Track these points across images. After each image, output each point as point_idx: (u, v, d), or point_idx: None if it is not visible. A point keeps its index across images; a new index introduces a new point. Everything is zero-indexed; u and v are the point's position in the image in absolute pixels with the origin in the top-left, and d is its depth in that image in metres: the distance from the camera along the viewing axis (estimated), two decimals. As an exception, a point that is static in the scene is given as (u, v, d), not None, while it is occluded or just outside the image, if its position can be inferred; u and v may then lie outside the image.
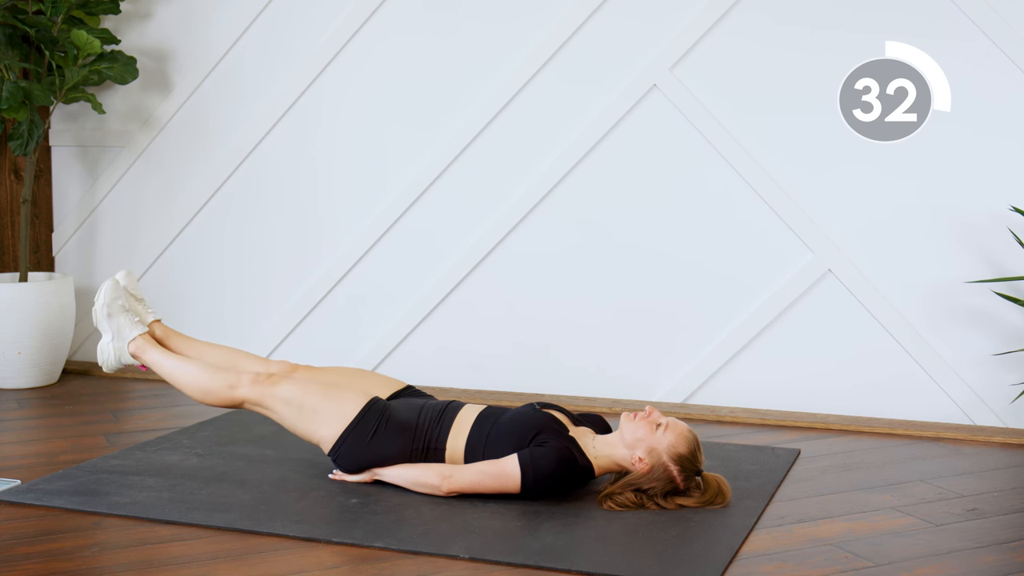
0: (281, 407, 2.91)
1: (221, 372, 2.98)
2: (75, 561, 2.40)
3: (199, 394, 2.99)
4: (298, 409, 2.89)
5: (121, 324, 3.09)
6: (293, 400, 2.90)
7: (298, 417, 2.90)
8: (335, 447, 2.87)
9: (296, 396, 2.90)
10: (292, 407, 2.90)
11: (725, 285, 3.80)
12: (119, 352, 3.09)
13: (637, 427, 2.75)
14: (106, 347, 3.10)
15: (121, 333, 3.08)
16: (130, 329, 3.09)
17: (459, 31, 3.98)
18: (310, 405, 2.88)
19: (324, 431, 2.88)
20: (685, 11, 3.74)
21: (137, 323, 3.10)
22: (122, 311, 3.10)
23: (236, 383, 2.95)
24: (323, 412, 2.87)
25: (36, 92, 3.96)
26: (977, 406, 3.59)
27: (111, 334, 3.09)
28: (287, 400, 2.91)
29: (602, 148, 3.86)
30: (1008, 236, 3.52)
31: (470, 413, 2.90)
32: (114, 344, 3.09)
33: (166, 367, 3.04)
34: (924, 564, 2.43)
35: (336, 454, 2.88)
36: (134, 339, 3.08)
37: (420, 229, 4.07)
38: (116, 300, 3.10)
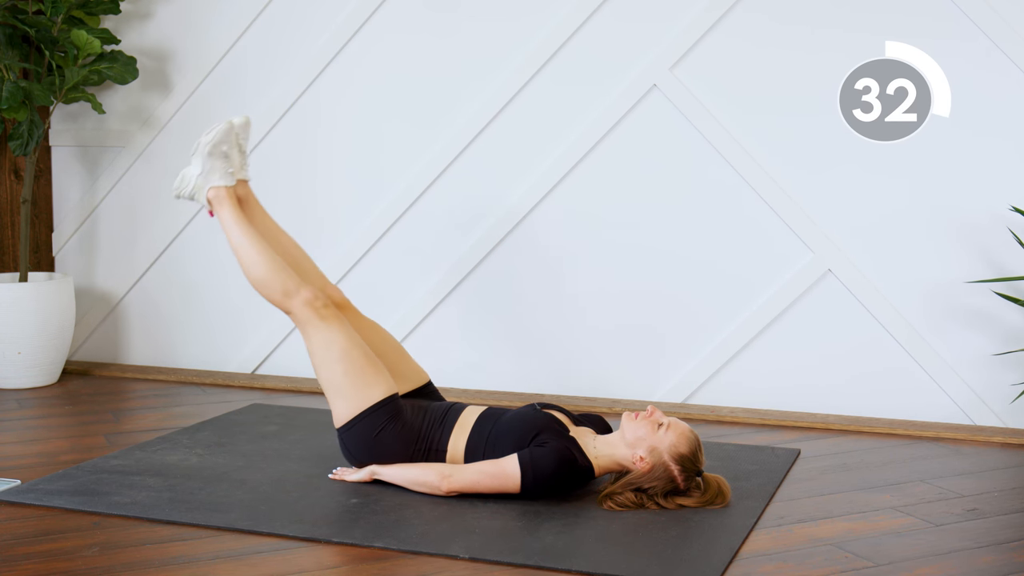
0: (320, 345, 2.87)
1: (283, 272, 2.91)
2: (75, 561, 2.40)
3: (253, 281, 2.92)
4: (331, 360, 2.85)
5: (215, 167, 2.97)
6: (332, 348, 2.85)
7: (327, 366, 2.86)
8: (345, 427, 2.86)
9: (337, 346, 2.85)
10: (327, 354, 2.86)
11: (725, 285, 3.80)
12: (198, 190, 2.99)
13: (639, 426, 2.75)
14: (189, 177, 3.00)
15: (210, 175, 2.97)
16: (220, 176, 2.98)
17: (459, 31, 3.98)
18: (342, 367, 2.84)
19: (340, 404, 2.86)
20: (685, 11, 3.74)
21: (229, 174, 2.99)
22: (222, 156, 2.98)
23: (292, 292, 2.89)
24: (347, 384, 2.84)
25: (36, 92, 3.96)
26: (977, 406, 3.59)
27: (201, 169, 2.98)
28: (328, 343, 2.86)
29: (602, 148, 3.86)
30: (1008, 236, 3.52)
31: (471, 414, 2.90)
32: (198, 180, 2.98)
33: (234, 234, 2.94)
34: (924, 564, 2.43)
35: (343, 435, 2.88)
36: (218, 187, 2.97)
37: (420, 229, 4.07)
38: (222, 144, 2.98)
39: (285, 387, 4.11)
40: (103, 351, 4.51)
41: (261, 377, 4.24)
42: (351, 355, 2.86)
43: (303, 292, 2.90)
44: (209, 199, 3.00)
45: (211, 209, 3.01)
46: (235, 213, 2.97)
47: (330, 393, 2.88)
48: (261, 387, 4.13)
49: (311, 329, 2.88)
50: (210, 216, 3.06)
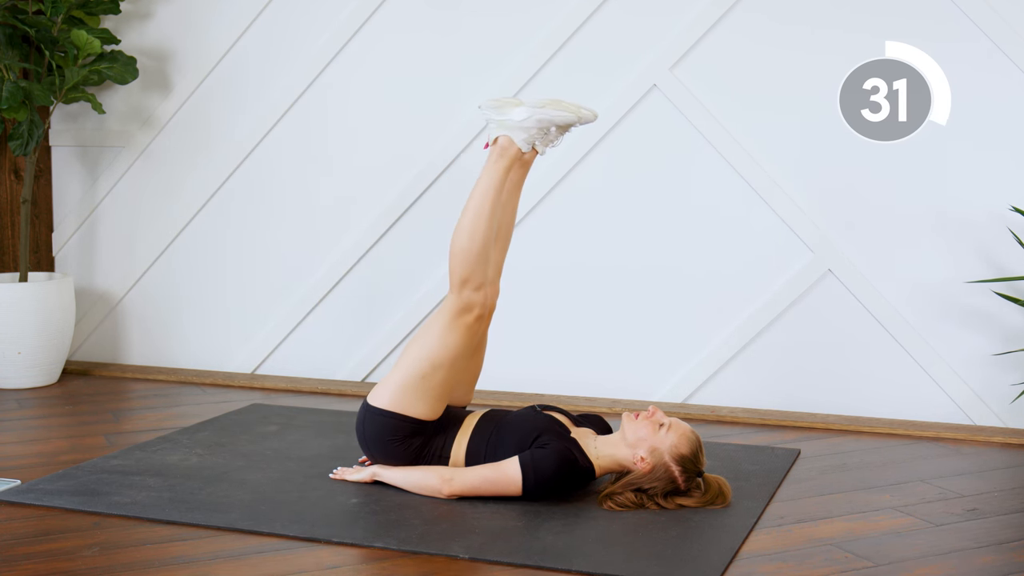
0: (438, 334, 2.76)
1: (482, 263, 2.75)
2: (75, 561, 2.40)
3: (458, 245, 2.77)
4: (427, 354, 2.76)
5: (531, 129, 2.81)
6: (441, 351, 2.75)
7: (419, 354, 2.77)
8: (376, 410, 2.80)
9: (445, 353, 2.75)
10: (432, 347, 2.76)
11: (725, 285, 3.80)
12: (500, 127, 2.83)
13: (640, 427, 2.75)
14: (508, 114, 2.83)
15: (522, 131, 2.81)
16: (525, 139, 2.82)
17: (460, 29, 3.98)
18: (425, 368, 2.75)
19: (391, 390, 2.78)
20: (685, 11, 3.74)
21: (532, 143, 2.83)
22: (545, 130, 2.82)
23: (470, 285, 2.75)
24: (411, 383, 2.77)
25: (36, 92, 3.96)
26: (977, 406, 3.59)
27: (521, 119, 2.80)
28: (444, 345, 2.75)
29: (602, 148, 3.86)
30: (1008, 236, 3.52)
31: (472, 417, 2.90)
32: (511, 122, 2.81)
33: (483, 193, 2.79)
34: (924, 564, 2.43)
35: (371, 412, 2.81)
36: (516, 146, 2.81)
37: (422, 228, 4.07)
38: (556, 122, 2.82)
39: (285, 387, 4.11)
40: (103, 351, 4.51)
41: (261, 377, 4.24)
42: (443, 369, 2.77)
43: (477, 294, 2.77)
44: (502, 145, 2.83)
45: (491, 146, 2.86)
46: (502, 176, 2.82)
47: (396, 375, 2.79)
48: (261, 387, 4.13)
49: (450, 320, 2.76)
50: (484, 148, 2.91)
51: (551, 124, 2.83)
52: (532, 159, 2.89)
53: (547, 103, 2.82)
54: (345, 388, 4.07)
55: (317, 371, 4.20)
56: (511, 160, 2.83)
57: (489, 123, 2.87)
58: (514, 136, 2.83)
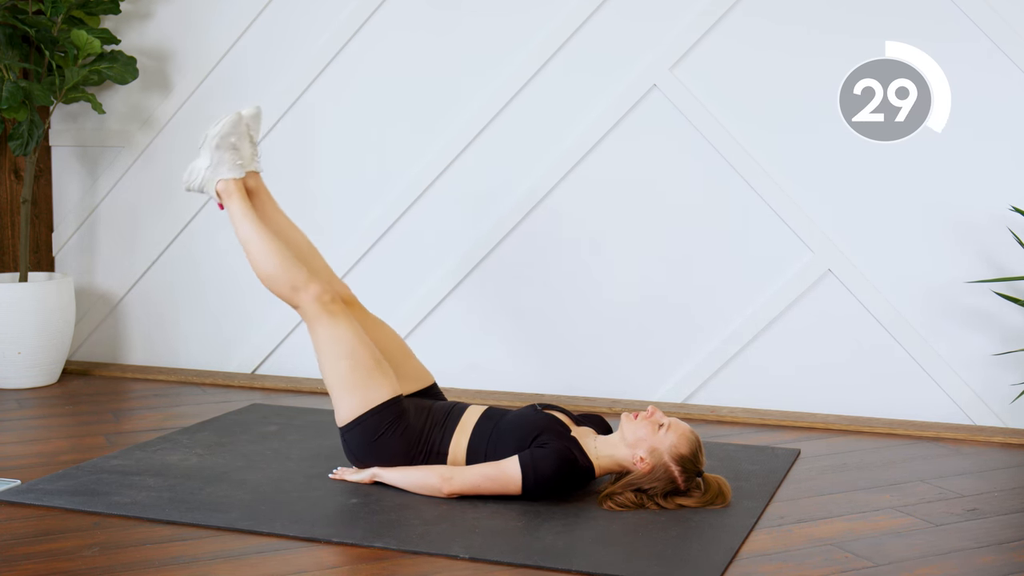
0: (326, 341, 2.85)
1: (292, 266, 2.88)
2: (75, 561, 2.40)
3: (262, 275, 2.90)
4: (336, 356, 2.83)
5: (223, 159, 2.95)
6: (338, 345, 2.83)
7: (332, 363, 2.84)
8: (348, 427, 2.85)
9: (343, 344, 2.83)
10: (333, 350, 2.83)
11: (725, 285, 3.80)
12: (207, 183, 2.96)
13: (639, 427, 2.75)
14: (198, 170, 2.97)
15: (218, 167, 2.95)
16: (229, 168, 2.95)
17: (460, 29, 3.98)
18: (346, 365, 2.82)
19: (343, 403, 2.84)
20: (685, 11, 3.74)
21: (239, 166, 2.97)
22: (231, 148, 2.96)
23: (301, 287, 2.86)
24: (351, 383, 2.82)
25: (36, 92, 3.96)
26: (977, 406, 3.59)
27: (209, 162, 2.95)
28: (335, 339, 2.84)
29: (602, 148, 3.86)
30: (1008, 236, 3.52)
31: (472, 415, 2.90)
32: (207, 172, 2.95)
33: (243, 228, 2.92)
34: (924, 564, 2.43)
35: (345, 434, 2.86)
36: (227, 180, 2.95)
37: (421, 228, 4.07)
38: (230, 136, 2.96)
39: (285, 387, 4.11)
40: (103, 351, 4.51)
41: (261, 377, 4.24)
42: (357, 353, 2.85)
43: (312, 287, 2.87)
44: (218, 191, 2.97)
45: (220, 202, 2.99)
46: (244, 206, 2.95)
47: (334, 391, 2.86)
48: (261, 387, 4.13)
49: (318, 325, 2.86)
50: (220, 209, 3.03)
51: (226, 140, 2.95)
52: (256, 177, 3.03)
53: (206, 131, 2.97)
54: (345, 388, 4.06)
55: (317, 371, 4.20)
56: (238, 192, 2.96)
57: (204, 191, 3.00)
58: (219, 176, 2.95)
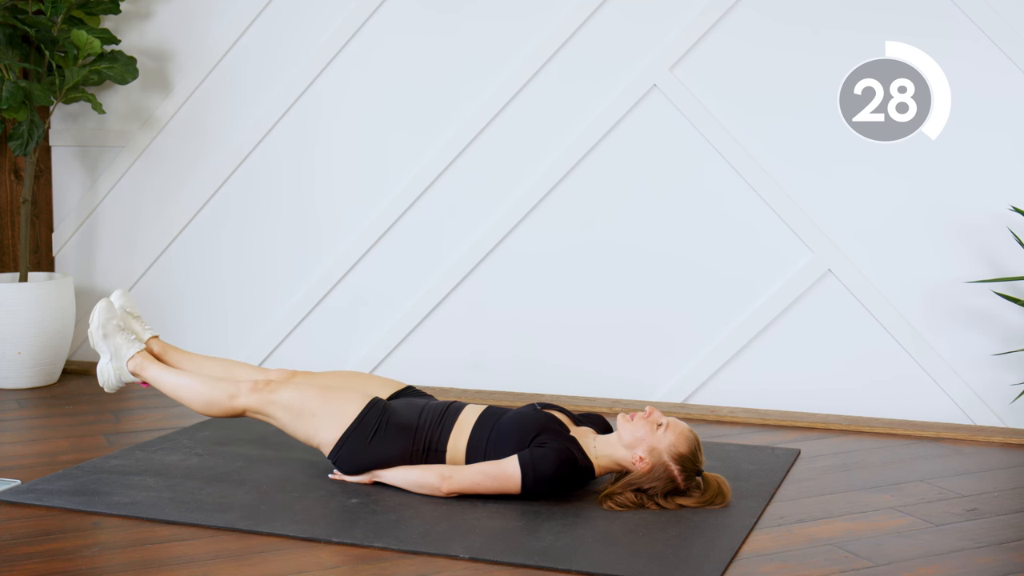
0: (282, 413, 2.92)
1: (221, 383, 2.99)
2: (75, 561, 2.40)
3: (201, 406, 2.99)
4: (298, 414, 2.90)
5: (118, 344, 3.08)
6: (293, 405, 2.90)
7: (299, 422, 2.90)
8: (335, 449, 2.87)
9: (296, 401, 2.91)
10: (292, 412, 2.90)
11: (725, 285, 3.80)
12: (119, 371, 3.09)
13: (637, 427, 2.75)
14: (105, 368, 3.10)
15: (119, 352, 3.08)
16: (128, 347, 3.08)
17: (459, 31, 3.98)
18: (310, 409, 2.89)
19: (324, 434, 2.88)
20: (685, 11, 3.74)
21: (134, 341, 3.10)
22: (118, 330, 3.09)
23: (236, 392, 2.95)
24: (323, 415, 2.88)
25: (36, 92, 3.96)
26: (977, 406, 3.59)
27: (109, 354, 3.09)
28: (287, 406, 2.91)
29: (602, 148, 3.86)
30: (1008, 236, 3.52)
31: (471, 414, 2.90)
32: (113, 364, 3.09)
33: (167, 382, 3.04)
34: (924, 564, 2.43)
35: (336, 456, 2.88)
36: (132, 357, 3.08)
37: (420, 229, 4.07)
38: (111, 320, 3.09)
39: (285, 387, 4.10)
40: (103, 351, 4.51)
41: (261, 377, 4.23)
42: (312, 396, 2.91)
43: (243, 386, 2.95)
44: (133, 372, 3.08)
45: (142, 380, 3.08)
46: (159, 368, 3.07)
47: (312, 434, 2.90)
48: (261, 387, 4.12)
49: (269, 408, 2.93)
50: (144, 387, 3.15)
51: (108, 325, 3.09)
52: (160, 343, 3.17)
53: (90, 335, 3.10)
54: (345, 388, 4.06)
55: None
56: (147, 361, 3.09)
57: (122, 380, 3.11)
58: (123, 356, 3.08)
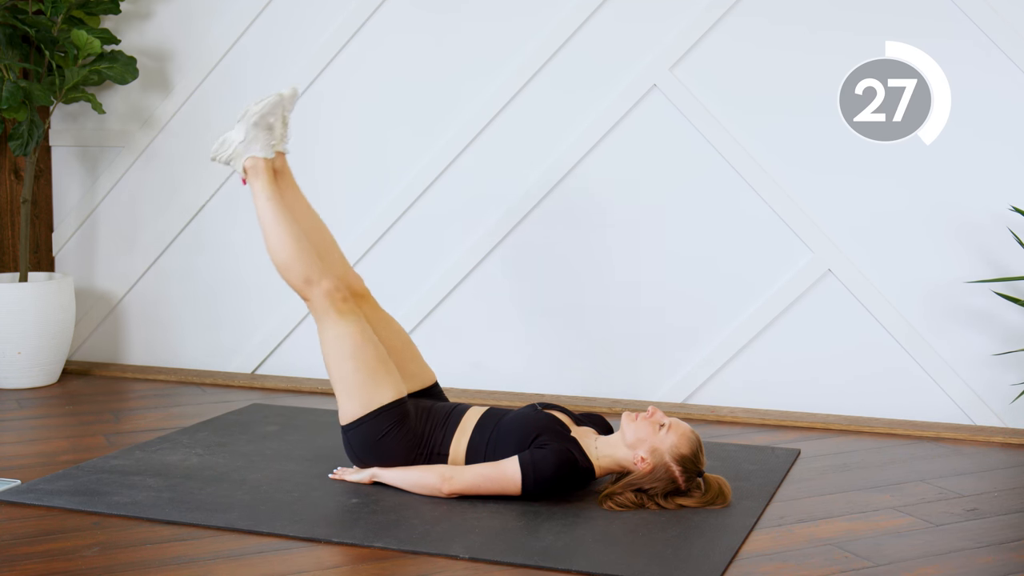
0: (332, 339, 2.84)
1: (309, 257, 2.86)
2: (75, 561, 2.40)
3: (277, 262, 2.87)
4: (342, 356, 2.83)
5: (258, 136, 2.92)
6: (344, 345, 2.83)
7: (337, 363, 2.84)
8: (349, 427, 2.85)
9: (349, 343, 2.83)
10: (339, 350, 2.83)
11: (725, 285, 3.80)
12: (236, 157, 2.93)
13: (640, 427, 2.75)
14: (230, 143, 2.93)
15: (251, 144, 2.91)
16: (261, 147, 2.92)
17: (459, 31, 3.98)
18: (351, 365, 2.82)
19: (347, 403, 2.84)
20: (685, 11, 3.74)
21: (271, 146, 2.93)
22: (267, 128, 2.92)
23: (314, 280, 2.85)
24: (355, 382, 2.83)
25: (36, 92, 3.96)
26: (977, 406, 3.59)
27: (244, 137, 2.90)
28: (340, 337, 2.84)
29: (602, 148, 3.86)
30: (1008, 236, 3.52)
31: (473, 416, 2.90)
32: (239, 147, 2.92)
33: (265, 210, 2.89)
34: (924, 564, 2.43)
35: (348, 432, 2.86)
36: (256, 158, 2.92)
37: (420, 229, 4.07)
38: (270, 116, 2.92)
39: (285, 387, 4.11)
40: (103, 351, 4.51)
41: (261, 377, 4.24)
42: (363, 352, 2.84)
43: (324, 282, 2.86)
44: (246, 168, 2.94)
45: (245, 178, 2.95)
46: (269, 188, 2.92)
47: (338, 389, 2.86)
48: (261, 387, 4.13)
49: (327, 321, 2.86)
50: (243, 184, 3.01)
51: (264, 119, 2.91)
52: (282, 157, 2.99)
53: (247, 107, 2.93)
54: (345, 388, 4.06)
55: (317, 371, 4.20)
56: (265, 172, 2.93)
57: (230, 164, 2.97)
58: (250, 152, 2.93)
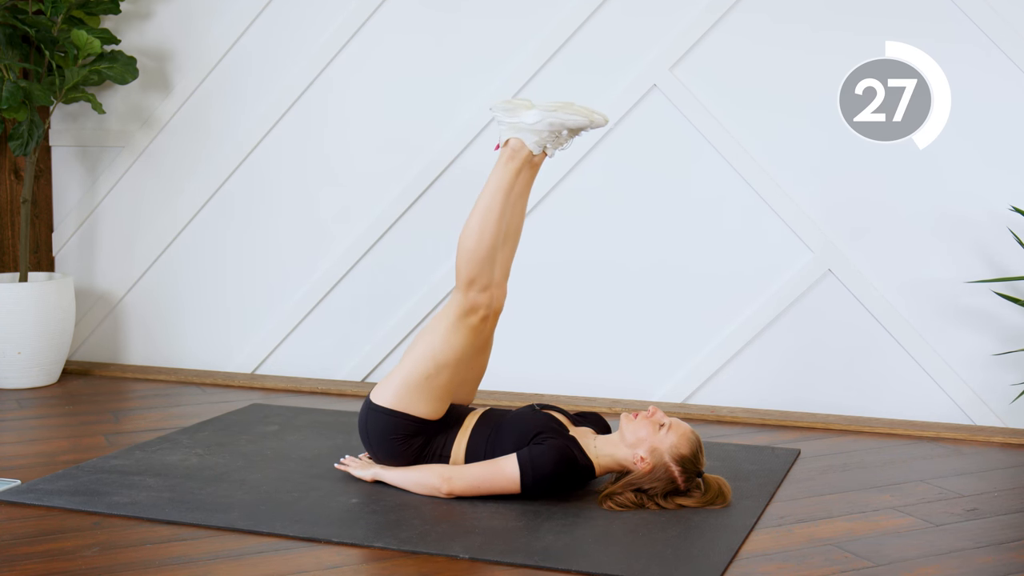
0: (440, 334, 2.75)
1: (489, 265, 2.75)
2: (75, 561, 2.40)
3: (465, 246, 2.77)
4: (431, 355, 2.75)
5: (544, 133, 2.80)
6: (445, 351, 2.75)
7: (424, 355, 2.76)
8: (378, 407, 2.81)
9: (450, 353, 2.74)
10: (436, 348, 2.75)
11: (725, 285, 3.80)
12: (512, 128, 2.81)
13: (639, 427, 2.75)
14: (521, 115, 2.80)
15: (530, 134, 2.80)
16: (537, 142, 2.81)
17: (460, 30, 3.98)
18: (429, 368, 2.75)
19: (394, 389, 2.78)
20: (685, 11, 3.74)
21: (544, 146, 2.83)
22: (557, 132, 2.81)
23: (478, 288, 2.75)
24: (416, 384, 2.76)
25: (36, 92, 3.96)
26: (977, 406, 3.59)
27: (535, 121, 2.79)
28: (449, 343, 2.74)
29: (602, 148, 3.86)
30: (1008, 236, 3.52)
31: (472, 417, 2.90)
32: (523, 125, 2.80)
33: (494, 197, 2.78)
34: (924, 564, 2.43)
35: (374, 409, 2.82)
36: (528, 148, 2.81)
37: (421, 228, 4.07)
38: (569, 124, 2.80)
39: (285, 387, 4.11)
40: (103, 351, 4.51)
41: (261, 377, 4.24)
42: (448, 369, 2.77)
43: (483, 295, 2.77)
44: (512, 147, 2.82)
45: (503, 149, 2.84)
46: (513, 178, 2.81)
47: (400, 370, 2.80)
48: (261, 387, 4.13)
49: (454, 321, 2.76)
50: (495, 149, 2.91)
51: (563, 127, 2.82)
52: (541, 161, 2.89)
53: (559, 106, 2.81)
54: (345, 388, 4.07)
55: (317, 371, 4.20)
56: (522, 162, 2.83)
57: (500, 124, 2.86)
58: (525, 138, 2.82)
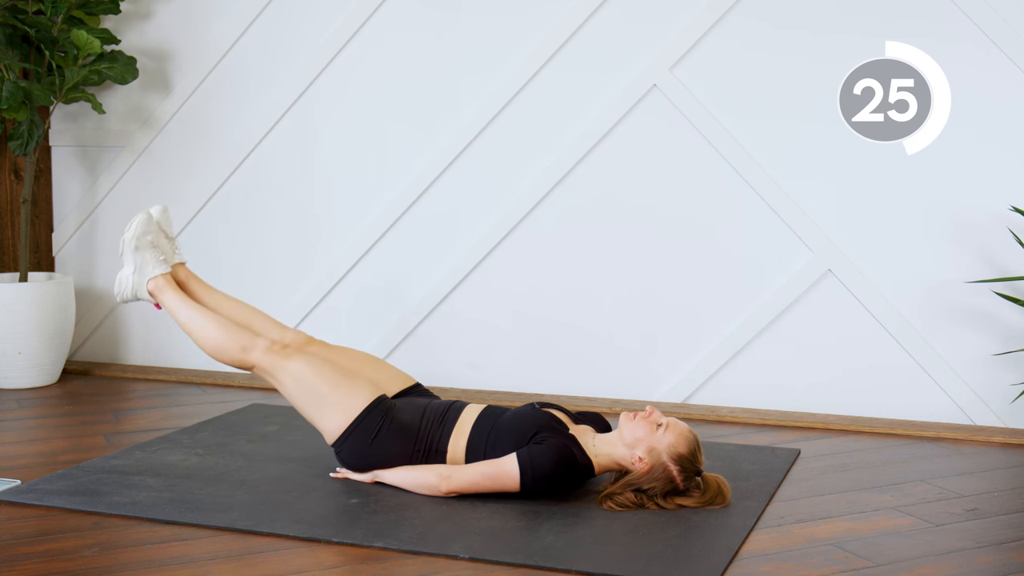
0: (290, 382, 2.88)
1: (236, 332, 2.94)
2: (75, 561, 2.40)
3: (211, 349, 2.95)
4: (306, 390, 2.86)
5: (146, 259, 3.03)
6: (303, 379, 2.87)
7: (305, 397, 2.87)
8: (338, 441, 2.86)
9: (307, 375, 2.87)
10: (301, 386, 2.87)
11: (725, 285, 3.80)
12: (137, 287, 3.04)
13: (637, 426, 2.75)
14: (125, 278, 3.05)
15: (143, 268, 3.03)
16: (153, 266, 3.03)
17: (460, 29, 3.98)
18: (319, 390, 2.86)
19: (328, 422, 2.86)
20: (685, 11, 3.74)
21: (162, 262, 3.04)
22: (150, 246, 3.03)
23: (249, 346, 2.92)
24: (330, 401, 2.85)
25: (36, 92, 3.96)
26: (977, 406, 3.59)
27: (133, 267, 3.03)
28: (297, 377, 2.87)
29: (602, 148, 3.86)
30: (1008, 236, 3.52)
31: (471, 414, 2.90)
32: (134, 277, 3.03)
33: (181, 314, 2.99)
34: (924, 564, 2.43)
35: (339, 448, 2.87)
36: (155, 277, 3.02)
37: (421, 229, 4.07)
38: (146, 235, 3.03)
39: (285, 387, 4.10)
40: (103, 351, 4.51)
41: (261, 377, 4.23)
42: (324, 375, 2.87)
43: (259, 342, 2.93)
44: (151, 291, 3.04)
45: (156, 302, 3.05)
46: (177, 297, 3.03)
47: (315, 417, 2.88)
48: (261, 387, 4.13)
49: (278, 372, 2.90)
50: (157, 309, 3.10)
51: (143, 240, 3.03)
52: (183, 267, 3.13)
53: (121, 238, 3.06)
54: (345, 388, 4.06)
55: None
56: (168, 286, 3.05)
57: (138, 297, 3.08)
58: (147, 275, 3.05)
